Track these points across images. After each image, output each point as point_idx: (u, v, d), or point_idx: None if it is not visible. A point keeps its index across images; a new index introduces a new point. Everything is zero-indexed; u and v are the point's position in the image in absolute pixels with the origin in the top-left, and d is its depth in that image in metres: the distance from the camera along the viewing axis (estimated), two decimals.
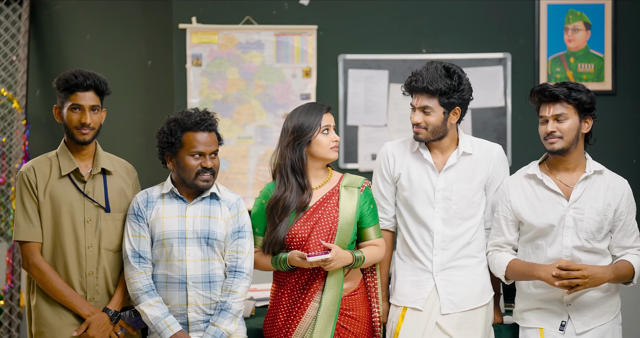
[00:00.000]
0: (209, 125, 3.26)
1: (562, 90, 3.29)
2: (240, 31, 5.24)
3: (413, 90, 3.35)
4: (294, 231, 3.30)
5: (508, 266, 3.36)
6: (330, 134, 3.33)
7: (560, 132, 3.28)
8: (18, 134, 5.43)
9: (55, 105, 3.30)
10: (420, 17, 5.25)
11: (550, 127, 3.30)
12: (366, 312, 3.39)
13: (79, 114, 3.25)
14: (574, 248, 3.30)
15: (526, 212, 3.36)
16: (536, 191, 3.37)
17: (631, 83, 5.22)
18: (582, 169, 3.36)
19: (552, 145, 3.30)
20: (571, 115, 3.30)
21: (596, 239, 3.31)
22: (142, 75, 5.55)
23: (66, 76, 3.25)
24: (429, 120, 3.33)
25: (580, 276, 3.17)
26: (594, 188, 3.33)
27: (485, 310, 3.39)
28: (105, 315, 3.26)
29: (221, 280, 3.30)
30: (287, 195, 3.30)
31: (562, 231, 3.31)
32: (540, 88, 3.34)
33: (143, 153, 5.40)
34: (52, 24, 5.56)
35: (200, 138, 3.24)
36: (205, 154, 3.25)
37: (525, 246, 3.40)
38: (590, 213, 3.30)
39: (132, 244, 3.27)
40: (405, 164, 3.43)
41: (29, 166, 3.29)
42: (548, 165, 3.41)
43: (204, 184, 3.25)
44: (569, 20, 5.21)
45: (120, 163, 3.43)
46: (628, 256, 3.33)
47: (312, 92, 5.24)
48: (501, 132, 5.20)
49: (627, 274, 3.30)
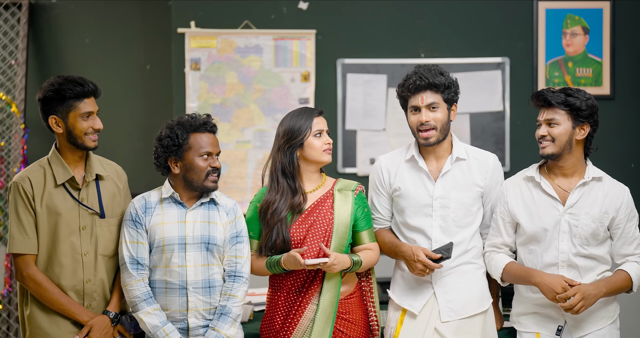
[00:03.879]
0: (212, 126, 3.30)
1: (556, 96, 3.30)
2: (239, 35, 5.24)
3: (417, 89, 3.33)
4: (290, 233, 3.30)
5: (505, 269, 3.37)
6: (322, 137, 3.34)
7: (550, 136, 3.30)
8: (17, 138, 5.43)
9: (52, 116, 3.21)
10: (419, 22, 5.26)
11: (542, 131, 3.32)
12: (362, 315, 3.39)
13: (91, 121, 3.22)
14: (570, 253, 3.30)
15: (522, 214, 3.36)
16: (533, 194, 3.38)
17: (629, 88, 5.23)
18: (580, 175, 3.36)
19: (542, 149, 3.32)
20: (563, 121, 3.29)
21: (591, 245, 3.31)
22: (141, 79, 5.56)
23: (67, 85, 3.18)
24: (438, 117, 3.33)
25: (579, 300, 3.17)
26: (592, 195, 3.33)
27: (484, 316, 3.39)
28: (106, 318, 3.25)
29: (220, 284, 3.30)
30: (277, 199, 3.32)
31: (557, 235, 3.31)
32: (536, 93, 3.36)
33: (142, 157, 5.40)
34: (50, 28, 5.56)
35: (208, 138, 3.26)
36: (213, 155, 3.27)
37: (523, 251, 3.41)
38: (586, 220, 3.30)
39: (129, 250, 3.26)
40: (400, 176, 3.43)
41: (23, 176, 3.23)
42: (547, 169, 3.42)
43: (212, 185, 3.27)
44: (567, 25, 5.22)
45: (111, 166, 3.41)
46: (627, 265, 3.33)
47: (310, 96, 5.24)
48: (499, 136, 5.21)
49: (622, 285, 3.30)
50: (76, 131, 3.21)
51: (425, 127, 3.33)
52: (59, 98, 3.19)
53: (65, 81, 3.20)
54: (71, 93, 3.18)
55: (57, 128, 3.23)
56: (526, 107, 5.24)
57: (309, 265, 3.17)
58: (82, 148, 3.24)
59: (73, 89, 3.18)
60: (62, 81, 3.20)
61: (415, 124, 3.36)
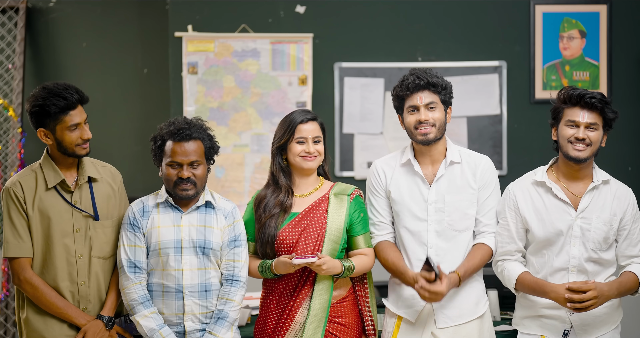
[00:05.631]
0: (186, 135, 3.23)
1: (600, 101, 3.26)
2: (236, 39, 5.25)
3: (416, 88, 3.34)
4: (282, 236, 3.31)
5: (518, 280, 3.33)
6: (305, 144, 3.34)
7: (589, 140, 3.26)
8: (14, 142, 5.43)
9: (40, 129, 3.19)
10: (416, 26, 5.26)
11: (581, 133, 3.26)
12: (356, 319, 3.39)
13: (79, 132, 3.21)
14: (582, 258, 3.28)
15: (533, 220, 3.34)
16: (544, 199, 3.35)
17: (626, 91, 5.24)
18: (589, 178, 3.35)
19: (578, 152, 3.26)
20: (599, 127, 3.29)
21: (602, 249, 3.30)
22: (138, 83, 5.56)
23: (51, 100, 3.13)
24: (436, 116, 3.34)
25: (592, 297, 3.15)
26: (601, 198, 3.32)
27: (480, 321, 3.37)
28: (100, 322, 3.25)
29: (217, 288, 3.30)
30: (268, 194, 3.38)
31: (569, 240, 3.29)
32: (581, 92, 3.27)
33: (139, 161, 5.40)
34: (48, 32, 5.56)
35: (177, 148, 3.23)
36: (183, 165, 3.23)
37: (532, 256, 3.38)
38: (598, 223, 3.28)
39: (127, 254, 3.26)
40: (395, 179, 3.42)
41: (14, 180, 3.23)
42: (557, 172, 3.39)
43: (182, 193, 3.25)
44: (564, 28, 5.22)
45: (105, 168, 3.40)
46: (633, 267, 3.32)
47: (308, 100, 5.24)
48: (497, 140, 5.21)
49: (631, 287, 3.29)
50: (65, 143, 3.20)
51: (424, 124, 3.33)
52: (44, 113, 3.16)
53: (48, 95, 3.15)
54: (55, 108, 3.15)
55: (47, 140, 3.22)
56: (523, 110, 5.27)
57: (296, 264, 3.17)
58: (74, 156, 3.25)
59: (57, 103, 3.14)
60: (46, 95, 3.15)
61: (412, 123, 3.35)
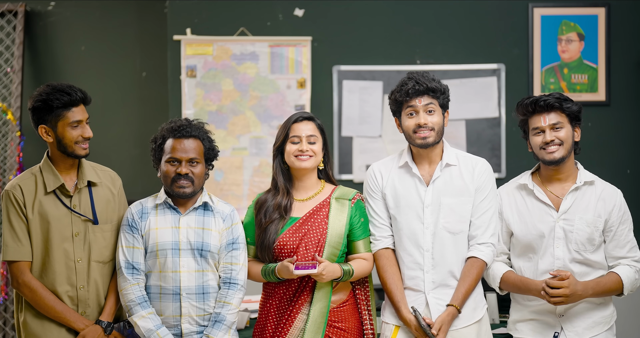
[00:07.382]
0: (186, 132, 3.27)
1: (555, 99, 3.32)
2: (235, 42, 5.25)
3: (416, 93, 3.33)
4: (283, 241, 3.30)
5: (502, 279, 3.37)
6: (299, 143, 3.34)
7: (559, 140, 3.29)
8: (12, 145, 5.43)
9: (42, 125, 3.21)
10: (415, 29, 5.27)
11: (548, 136, 3.30)
12: (356, 323, 3.37)
13: (80, 130, 3.22)
14: (566, 259, 3.30)
15: (516, 223, 3.36)
16: (526, 201, 3.38)
17: (625, 94, 5.24)
18: (573, 179, 3.37)
19: (551, 154, 3.30)
20: (565, 123, 3.32)
21: (587, 250, 3.31)
22: (137, 86, 5.57)
23: (55, 95, 3.17)
24: (435, 120, 3.33)
25: (562, 294, 3.18)
26: (585, 199, 3.33)
27: (478, 325, 3.35)
28: (99, 327, 3.24)
29: (215, 291, 3.29)
30: (268, 198, 3.37)
31: (552, 242, 3.31)
32: (533, 99, 3.35)
33: (138, 164, 5.41)
34: (47, 35, 5.57)
35: (177, 144, 3.26)
36: (182, 161, 3.25)
37: (519, 259, 3.40)
38: (580, 224, 3.30)
39: (125, 255, 3.27)
40: (392, 181, 3.41)
41: (14, 184, 3.23)
42: (540, 176, 3.42)
43: (179, 190, 3.25)
44: (562, 31, 5.23)
45: (105, 172, 3.41)
46: (619, 268, 3.33)
47: (306, 103, 5.24)
48: (495, 143, 5.21)
49: (611, 288, 3.29)
50: (66, 140, 3.21)
51: (423, 128, 3.33)
52: (47, 108, 3.18)
53: (52, 91, 3.18)
54: (59, 103, 3.17)
55: (47, 137, 3.23)
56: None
57: (297, 274, 3.18)
58: (73, 156, 3.24)
59: (60, 98, 3.17)
60: (50, 91, 3.18)
61: (411, 127, 3.34)
